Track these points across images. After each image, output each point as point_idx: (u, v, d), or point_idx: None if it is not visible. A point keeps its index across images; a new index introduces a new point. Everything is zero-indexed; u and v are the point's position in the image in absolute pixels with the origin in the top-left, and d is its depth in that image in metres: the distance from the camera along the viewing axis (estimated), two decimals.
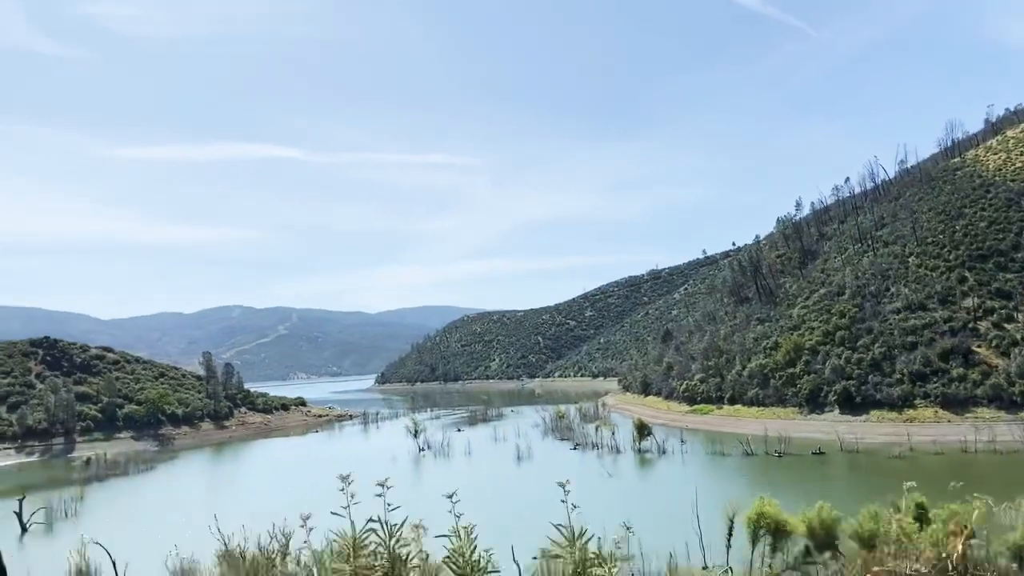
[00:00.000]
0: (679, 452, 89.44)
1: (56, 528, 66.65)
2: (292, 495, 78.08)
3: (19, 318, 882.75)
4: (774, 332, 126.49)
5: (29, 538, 63.19)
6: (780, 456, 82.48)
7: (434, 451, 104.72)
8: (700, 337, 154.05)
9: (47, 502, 70.92)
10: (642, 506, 58.25)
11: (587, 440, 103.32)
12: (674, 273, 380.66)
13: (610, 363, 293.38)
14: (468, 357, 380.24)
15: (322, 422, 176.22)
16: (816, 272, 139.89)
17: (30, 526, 65.02)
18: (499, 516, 60.90)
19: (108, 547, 58.55)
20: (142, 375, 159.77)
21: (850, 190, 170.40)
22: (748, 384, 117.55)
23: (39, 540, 62.70)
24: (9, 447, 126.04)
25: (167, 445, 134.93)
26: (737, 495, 62.52)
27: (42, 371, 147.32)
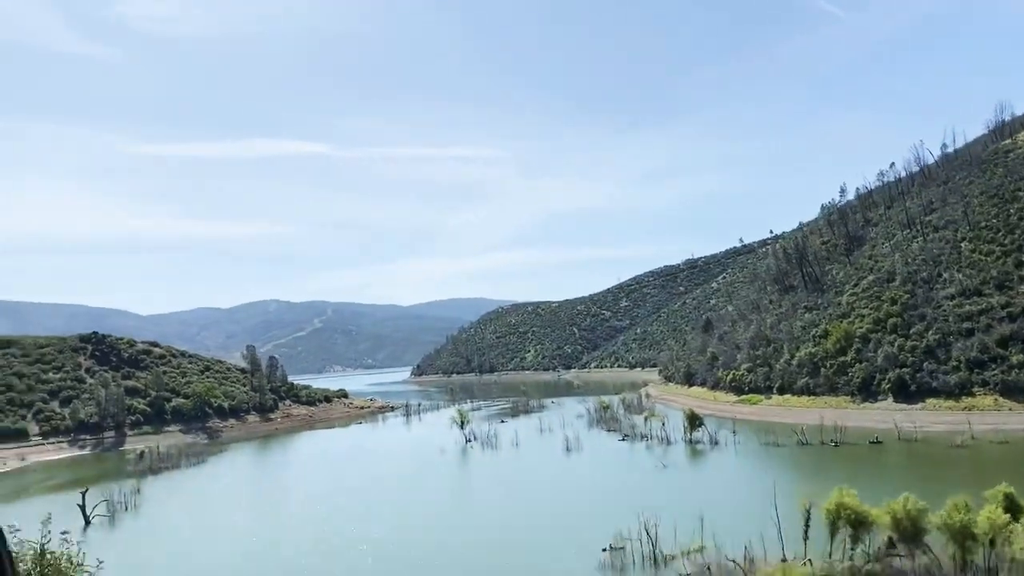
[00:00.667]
0: (731, 442, 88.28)
1: (118, 520, 67.47)
2: (350, 489, 78.47)
3: (62, 315, 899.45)
4: (822, 320, 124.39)
5: (93, 530, 63.95)
6: (836, 446, 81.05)
7: (481, 442, 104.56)
8: (745, 326, 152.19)
9: (106, 495, 71.73)
10: (706, 497, 57.39)
11: (635, 431, 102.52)
12: (711, 262, 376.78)
13: (648, 354, 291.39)
14: (503, 349, 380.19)
15: (364, 414, 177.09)
16: (864, 258, 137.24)
17: (93, 518, 65.84)
18: (561, 508, 60.50)
19: (174, 540, 59.15)
20: (188, 369, 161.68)
21: (896, 175, 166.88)
22: (798, 373, 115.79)
23: (103, 533, 63.49)
24: (63, 440, 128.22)
25: (215, 438, 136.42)
26: (799, 486, 61.32)
27: (91, 366, 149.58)
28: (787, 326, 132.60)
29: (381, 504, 66.40)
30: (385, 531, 55.19)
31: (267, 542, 55.71)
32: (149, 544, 58.14)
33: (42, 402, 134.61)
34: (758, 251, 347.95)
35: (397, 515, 60.67)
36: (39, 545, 22.41)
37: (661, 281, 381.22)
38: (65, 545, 23.29)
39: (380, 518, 59.71)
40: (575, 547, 46.65)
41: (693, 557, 42.74)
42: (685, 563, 41.97)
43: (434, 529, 55.60)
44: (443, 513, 61.90)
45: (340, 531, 56.52)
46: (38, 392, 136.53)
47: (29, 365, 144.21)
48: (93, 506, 66.37)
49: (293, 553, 50.81)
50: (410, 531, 54.94)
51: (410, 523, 57.70)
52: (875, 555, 38.28)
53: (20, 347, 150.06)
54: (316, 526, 59.37)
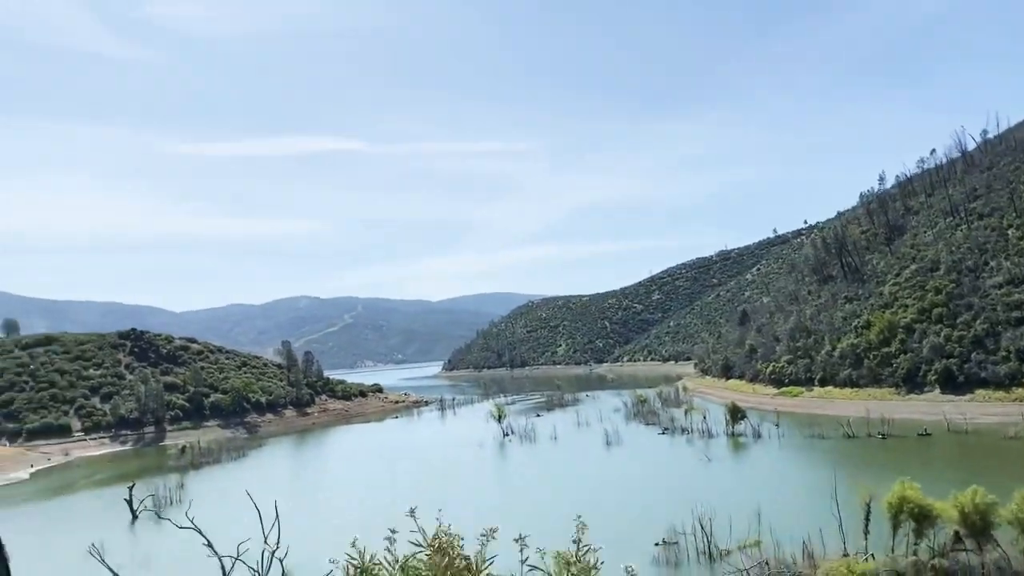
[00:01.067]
0: (775, 435, 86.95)
1: (164, 514, 67.81)
2: (395, 484, 78.32)
3: (98, 312, 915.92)
4: (864, 310, 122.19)
5: (140, 525, 64.44)
6: (883, 438, 79.44)
7: (519, 436, 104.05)
8: (783, 318, 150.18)
9: (151, 489, 72.19)
10: (755, 490, 56.37)
11: (675, 424, 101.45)
12: (744, 253, 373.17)
13: (681, 346, 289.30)
14: (534, 343, 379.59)
15: (399, 408, 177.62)
16: (905, 247, 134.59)
17: (140, 513, 66.29)
18: (607, 502, 59.77)
19: (219, 535, 59.22)
20: (225, 365, 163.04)
21: (936, 162, 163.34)
22: (840, 365, 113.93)
23: (149, 527, 63.89)
24: (104, 436, 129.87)
25: (253, 432, 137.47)
26: (850, 479, 60.08)
27: (131, 362, 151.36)
28: (827, 317, 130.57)
29: (425, 499, 65.97)
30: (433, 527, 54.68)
31: (318, 536, 55.57)
32: (197, 538, 58.26)
33: (83, 398, 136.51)
34: (792, 242, 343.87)
35: (442, 512, 60.10)
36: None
37: (694, 273, 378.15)
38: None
39: (427, 514, 59.18)
40: (626, 542, 45.87)
41: (749, 552, 41.85)
42: (742, 558, 41.08)
43: (481, 524, 55.05)
44: (487, 508, 61.37)
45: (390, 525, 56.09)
46: (79, 388, 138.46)
47: (70, 362, 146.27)
48: (140, 501, 66.76)
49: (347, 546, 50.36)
50: (458, 528, 54.34)
51: (457, 519, 57.10)
52: (940, 550, 37.09)
53: (61, 344, 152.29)
54: (367, 521, 59.15)
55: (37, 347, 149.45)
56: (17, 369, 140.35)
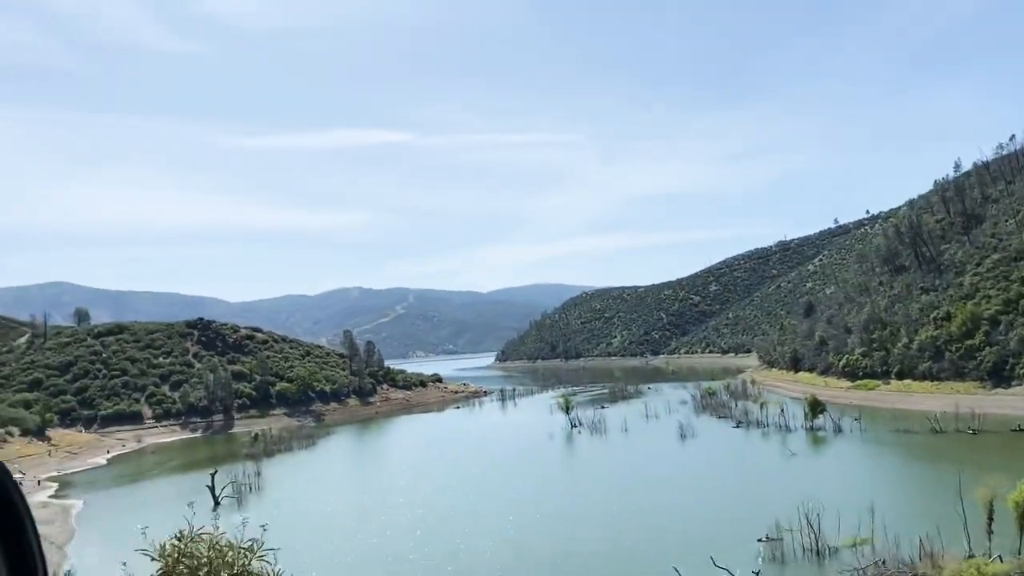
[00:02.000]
0: (855, 430, 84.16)
1: (244, 501, 68.32)
2: (472, 477, 77.82)
3: (159, 303, 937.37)
4: (943, 302, 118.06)
5: (222, 511, 64.80)
6: (974, 433, 76.21)
7: (588, 427, 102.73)
8: (853, 309, 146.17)
9: (230, 476, 72.68)
10: (853, 487, 54.44)
11: (748, 418, 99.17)
12: (804, 244, 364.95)
13: (740, 339, 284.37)
14: (588, 334, 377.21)
15: (459, 398, 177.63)
16: (985, 236, 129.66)
17: (222, 499, 66.77)
18: (698, 496, 58.20)
19: (304, 521, 59.28)
20: (289, 354, 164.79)
21: (1015, 147, 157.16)
22: (918, 357, 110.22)
23: (232, 513, 64.31)
24: (174, 423, 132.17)
25: (319, 421, 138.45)
26: (950, 476, 57.61)
27: (198, 351, 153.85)
28: (902, 308, 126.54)
29: (506, 494, 65.13)
30: (522, 521, 54.01)
31: (397, 525, 55.22)
32: (281, 525, 58.39)
33: (154, 386, 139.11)
34: (854, 232, 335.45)
35: (530, 507, 59.12)
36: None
37: (752, 264, 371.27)
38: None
39: (512, 509, 58.28)
40: (727, 538, 44.51)
41: (858, 550, 40.05)
42: (853, 556, 39.31)
43: (576, 519, 54.07)
44: (580, 502, 60.23)
45: (475, 522, 55.59)
46: (150, 376, 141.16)
47: (140, 350, 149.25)
48: (221, 487, 67.25)
49: (429, 540, 49.75)
50: (549, 523, 53.30)
51: (546, 514, 56.14)
52: None
53: (131, 333, 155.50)
54: (446, 514, 58.69)
55: (108, 336, 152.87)
56: (91, 357, 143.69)
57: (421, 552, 47.57)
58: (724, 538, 44.50)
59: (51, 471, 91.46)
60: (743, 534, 44.19)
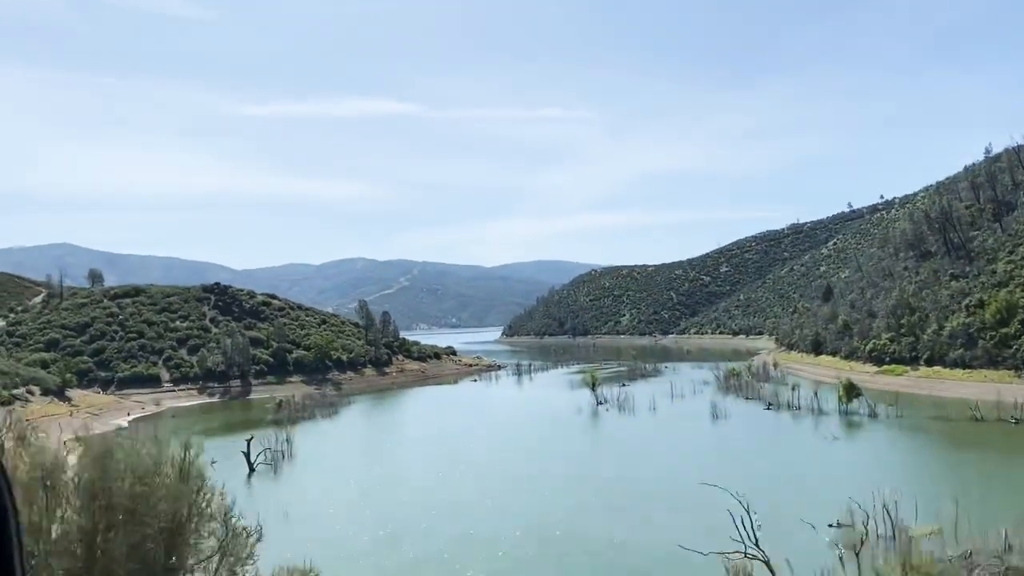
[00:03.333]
0: (891, 415, 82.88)
1: (279, 468, 67.26)
2: (511, 452, 76.72)
3: (161, 267, 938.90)
4: (974, 289, 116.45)
5: (257, 478, 63.80)
6: (1017, 423, 74.94)
7: (615, 405, 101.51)
8: (877, 294, 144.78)
9: (263, 443, 71.53)
10: (901, 472, 53.22)
11: (779, 400, 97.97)
12: (817, 228, 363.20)
13: (752, 320, 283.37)
14: (597, 312, 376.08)
15: (474, 371, 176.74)
16: (1018, 224, 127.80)
17: (257, 466, 65.73)
18: (748, 479, 56.84)
19: (343, 487, 58.20)
20: (306, 322, 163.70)
21: None
22: (949, 344, 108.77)
23: (267, 479, 63.30)
24: (192, 388, 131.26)
25: (338, 389, 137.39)
26: (1001, 465, 56.46)
27: (215, 316, 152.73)
28: (931, 294, 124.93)
29: (548, 471, 63.90)
30: (572, 503, 52.82)
31: (437, 494, 54.05)
32: (322, 491, 57.37)
33: (171, 349, 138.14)
34: (868, 217, 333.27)
35: (578, 488, 57.85)
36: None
37: (764, 246, 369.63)
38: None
39: (560, 490, 57.00)
40: (795, 523, 43.27)
41: (935, 539, 38.83)
42: (932, 546, 38.05)
43: (636, 499, 52.89)
44: (632, 481, 59.05)
45: (521, 505, 54.43)
46: (167, 340, 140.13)
47: (157, 313, 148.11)
48: (256, 454, 66.20)
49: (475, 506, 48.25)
50: (604, 505, 52.05)
51: (593, 495, 54.93)
52: None
53: (148, 296, 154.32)
54: (494, 488, 57.56)
55: (125, 298, 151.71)
56: (107, 319, 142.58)
57: (461, 530, 46.38)
58: (788, 523, 43.26)
59: (75, 432, 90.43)
60: (810, 519, 42.96)
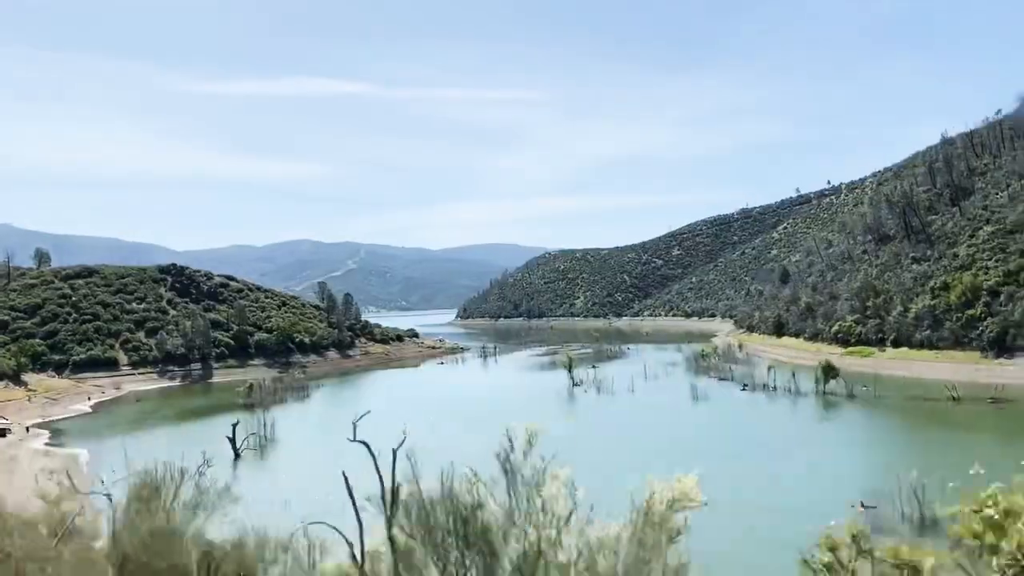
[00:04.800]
0: (868, 396, 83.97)
1: (266, 453, 65.19)
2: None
3: (100, 247, 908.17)
4: (936, 272, 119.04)
5: (244, 464, 61.58)
6: (994, 402, 76.55)
7: (594, 387, 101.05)
8: (838, 277, 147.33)
9: (246, 428, 69.12)
10: (905, 454, 53.66)
11: (753, 380, 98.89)
12: (765, 212, 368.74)
13: (705, 303, 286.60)
14: (552, 294, 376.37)
15: (437, 353, 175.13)
16: (976, 208, 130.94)
17: (242, 451, 63.51)
18: (752, 460, 56.65)
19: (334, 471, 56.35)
20: (266, 304, 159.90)
21: (992, 120, 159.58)
22: (915, 326, 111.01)
23: (254, 466, 61.17)
24: (151, 371, 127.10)
25: (305, 372, 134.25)
26: (990, 448, 57.18)
27: (172, 297, 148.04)
28: (893, 277, 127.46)
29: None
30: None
31: None
32: (315, 476, 55.54)
33: (128, 332, 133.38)
34: (816, 202, 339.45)
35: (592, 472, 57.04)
36: None
37: (714, 230, 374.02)
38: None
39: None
40: (818, 504, 43.18)
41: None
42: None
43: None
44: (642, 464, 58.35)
45: None
46: (124, 322, 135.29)
47: (112, 295, 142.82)
48: (243, 439, 63.94)
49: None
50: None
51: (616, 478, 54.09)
52: None
53: (102, 276, 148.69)
54: None
55: (78, 279, 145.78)
56: (59, 300, 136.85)
57: None
58: (814, 504, 43.13)
59: (35, 417, 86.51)
60: (829, 499, 42.95)
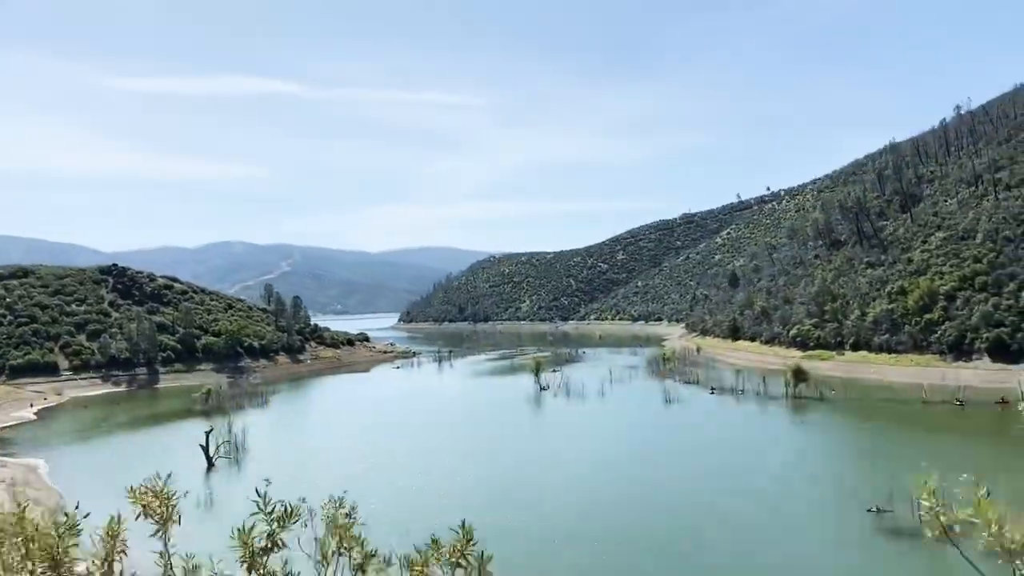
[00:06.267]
0: (839, 400, 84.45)
1: (242, 463, 61.77)
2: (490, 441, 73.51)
3: (21, 248, 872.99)
4: (891, 276, 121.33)
5: (219, 476, 58.14)
6: (961, 405, 77.63)
7: (563, 391, 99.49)
8: (791, 282, 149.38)
9: (217, 436, 65.46)
10: (894, 458, 53.49)
11: (721, 384, 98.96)
12: (707, 217, 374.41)
13: (651, 307, 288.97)
14: (497, 298, 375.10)
15: (388, 358, 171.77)
16: (927, 215, 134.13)
17: (216, 460, 60.06)
18: (753, 466, 55.65)
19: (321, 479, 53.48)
20: (212, 306, 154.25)
21: (942, 131, 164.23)
22: (873, 330, 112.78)
23: (229, 474, 57.87)
24: (94, 376, 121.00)
25: (249, 376, 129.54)
26: (986, 447, 57.43)
27: (114, 299, 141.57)
28: (848, 282, 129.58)
29: (543, 465, 61.29)
30: (608, 498, 50.22)
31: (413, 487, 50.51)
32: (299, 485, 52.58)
33: (68, 335, 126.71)
34: (756, 208, 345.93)
35: (587, 486, 55.54)
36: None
37: (658, 235, 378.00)
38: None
39: (574, 485, 54.52)
40: (831, 508, 42.49)
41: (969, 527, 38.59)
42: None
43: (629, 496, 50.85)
44: (609, 473, 57.00)
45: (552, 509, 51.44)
46: (64, 325, 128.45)
47: (50, 296, 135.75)
48: (216, 446, 60.48)
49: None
50: (647, 502, 49.75)
51: (626, 490, 52.60)
52: None
53: (38, 277, 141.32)
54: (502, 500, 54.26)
55: (12, 279, 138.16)
56: None
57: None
58: (826, 508, 42.39)
59: None
60: (838, 504, 42.32)
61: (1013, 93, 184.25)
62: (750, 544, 37.48)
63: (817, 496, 45.61)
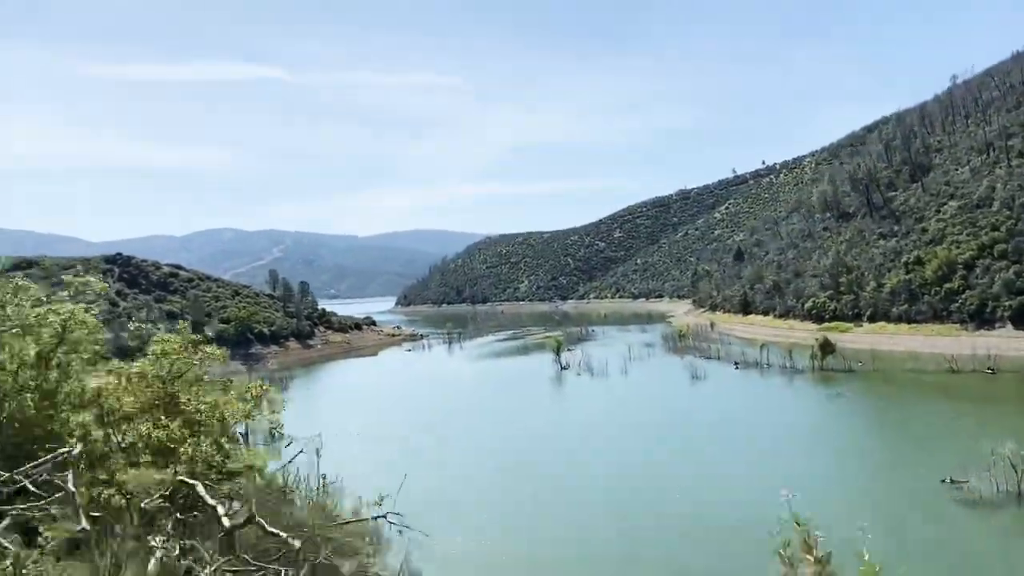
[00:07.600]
0: (865, 371, 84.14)
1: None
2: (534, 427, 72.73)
3: (7, 241, 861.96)
4: (906, 247, 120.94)
5: None
6: (993, 373, 77.42)
7: (587, 370, 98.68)
8: (801, 255, 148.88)
9: None
10: (941, 426, 53.10)
11: (744, 359, 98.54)
12: (704, 193, 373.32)
13: (652, 284, 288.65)
14: (495, 279, 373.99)
15: (397, 341, 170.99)
16: (939, 184, 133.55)
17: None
18: (800, 444, 54.90)
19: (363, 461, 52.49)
20: (219, 293, 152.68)
21: (948, 99, 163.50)
22: (890, 301, 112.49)
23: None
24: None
25: (266, 363, 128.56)
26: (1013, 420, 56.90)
27: (121, 288, 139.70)
28: (862, 253, 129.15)
29: (585, 447, 60.57)
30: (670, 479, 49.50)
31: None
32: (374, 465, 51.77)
33: None
34: (753, 182, 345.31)
35: (644, 462, 54.83)
36: None
37: (654, 212, 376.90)
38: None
39: (627, 471, 53.79)
40: (901, 479, 41.92)
41: None
42: None
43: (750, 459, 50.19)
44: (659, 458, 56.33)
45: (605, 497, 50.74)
46: None
47: (54, 287, 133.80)
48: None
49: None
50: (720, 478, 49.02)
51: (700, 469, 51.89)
52: None
53: (42, 268, 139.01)
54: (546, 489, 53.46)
55: (15, 271, 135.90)
56: None
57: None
58: (898, 479, 41.81)
59: None
60: (910, 475, 41.78)
61: (1012, 60, 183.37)
62: (834, 518, 36.89)
63: (885, 469, 45.04)
